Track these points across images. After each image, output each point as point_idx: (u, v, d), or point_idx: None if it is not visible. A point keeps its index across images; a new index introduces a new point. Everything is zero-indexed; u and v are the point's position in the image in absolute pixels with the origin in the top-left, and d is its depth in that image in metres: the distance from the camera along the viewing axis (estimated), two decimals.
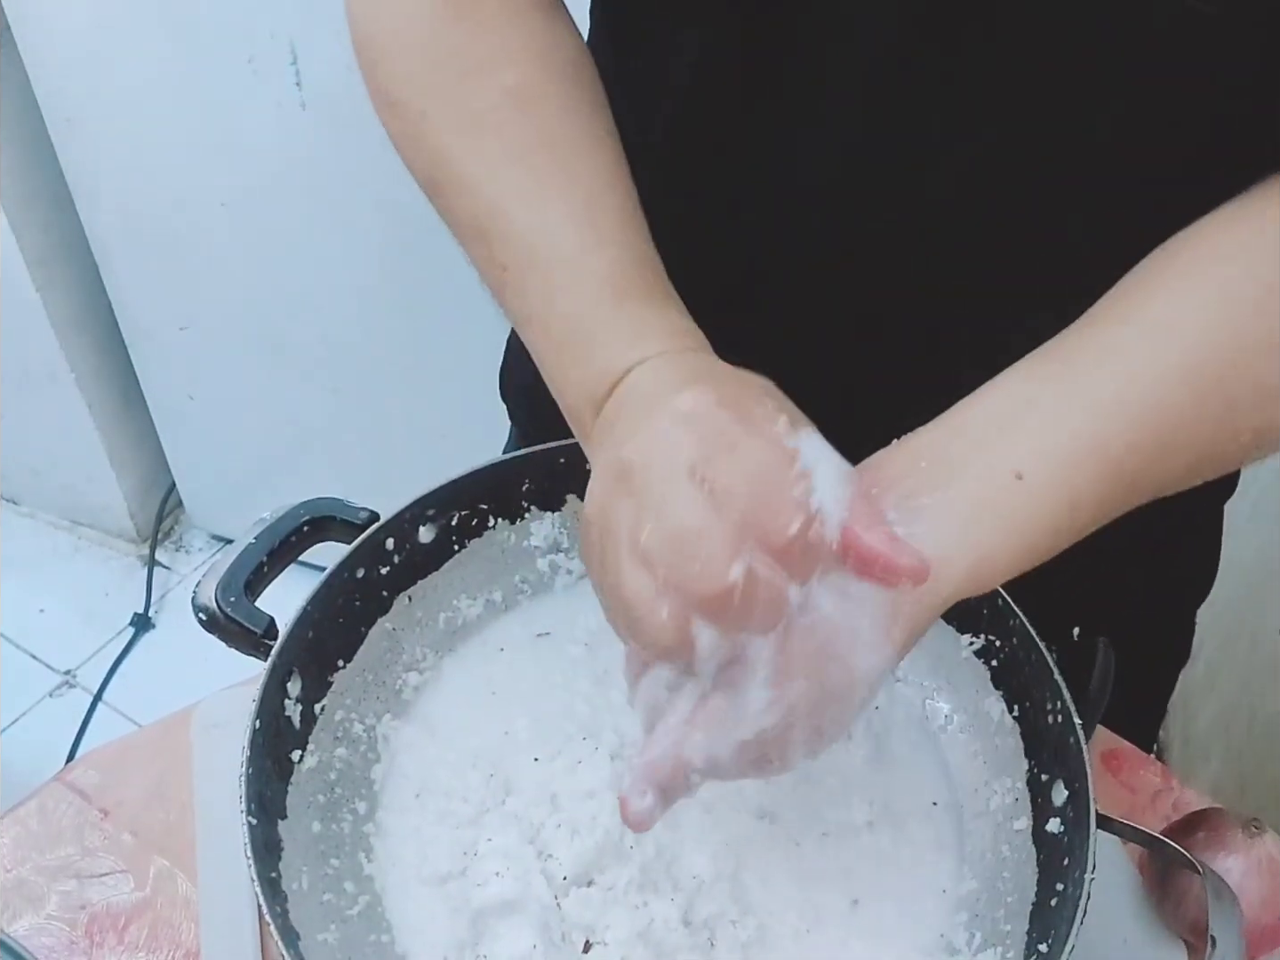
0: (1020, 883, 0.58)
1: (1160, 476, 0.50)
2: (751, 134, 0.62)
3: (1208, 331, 0.50)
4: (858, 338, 0.66)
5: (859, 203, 0.62)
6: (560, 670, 0.67)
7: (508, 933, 0.55)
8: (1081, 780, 0.55)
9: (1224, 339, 0.50)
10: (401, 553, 0.65)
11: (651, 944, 0.55)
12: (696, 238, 0.65)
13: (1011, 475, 0.48)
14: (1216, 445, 0.51)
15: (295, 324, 1.57)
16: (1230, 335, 0.50)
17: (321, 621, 0.62)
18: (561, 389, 0.54)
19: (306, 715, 0.61)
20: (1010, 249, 0.60)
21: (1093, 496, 0.49)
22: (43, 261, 1.62)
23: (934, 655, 0.67)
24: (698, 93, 0.63)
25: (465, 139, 0.57)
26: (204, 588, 0.60)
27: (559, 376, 0.54)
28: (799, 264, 0.66)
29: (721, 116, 0.63)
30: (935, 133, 0.58)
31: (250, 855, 0.52)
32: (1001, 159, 0.58)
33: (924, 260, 0.63)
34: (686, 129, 0.65)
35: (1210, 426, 0.50)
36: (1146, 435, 0.49)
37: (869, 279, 0.64)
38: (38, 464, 1.92)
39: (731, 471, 0.45)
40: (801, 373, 0.70)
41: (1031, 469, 0.48)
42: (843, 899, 0.59)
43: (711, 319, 0.56)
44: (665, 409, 0.47)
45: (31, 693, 1.77)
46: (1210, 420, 0.50)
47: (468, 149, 0.56)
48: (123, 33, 1.35)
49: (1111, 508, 0.50)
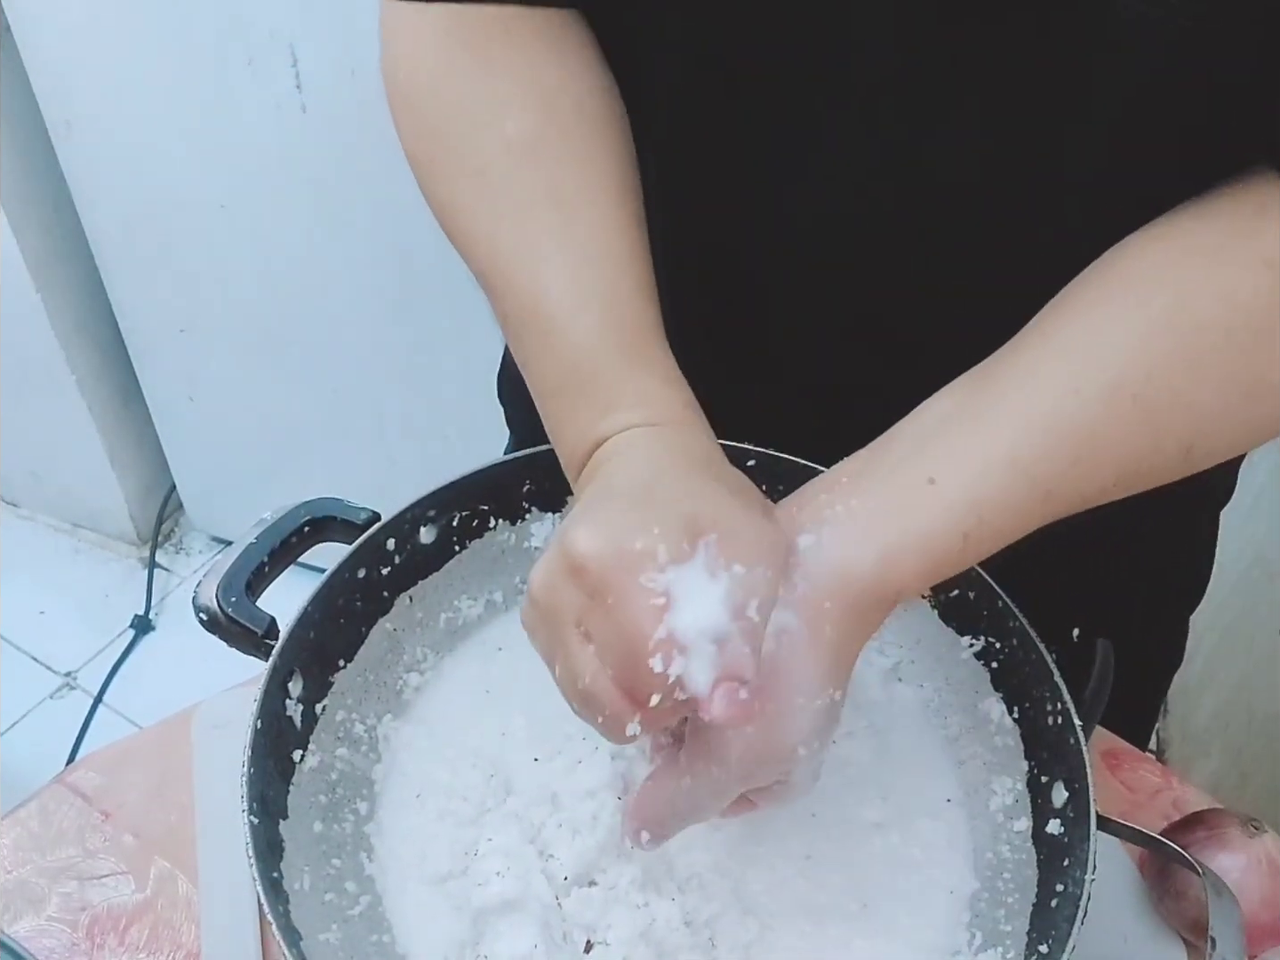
0: (1020, 883, 0.58)
1: (1081, 488, 0.51)
2: (748, 137, 0.62)
3: (1124, 349, 0.51)
4: (857, 338, 0.66)
5: (858, 203, 0.62)
6: None
7: (509, 932, 0.55)
8: (1081, 781, 0.56)
9: (1141, 356, 0.50)
10: (402, 553, 0.65)
11: (653, 944, 0.55)
12: (698, 240, 0.65)
13: (924, 481, 0.49)
14: (1141, 459, 0.51)
15: (295, 325, 1.57)
16: (1147, 352, 0.51)
17: (322, 622, 0.62)
18: (555, 441, 0.56)
19: (308, 715, 0.61)
20: (1009, 249, 0.61)
21: (1002, 502, 0.50)
22: (43, 263, 1.62)
23: (934, 657, 0.67)
24: (691, 91, 0.63)
25: (468, 196, 0.57)
26: (205, 588, 0.60)
27: (553, 429, 0.56)
28: (798, 265, 0.66)
29: (715, 117, 0.63)
30: (935, 133, 0.58)
31: (252, 856, 0.52)
32: (999, 161, 0.58)
33: (923, 260, 0.63)
34: (682, 128, 0.65)
35: (1131, 441, 0.51)
36: (1060, 448, 0.50)
37: (869, 279, 0.65)
38: (38, 466, 1.92)
39: (605, 631, 0.45)
40: (801, 373, 0.70)
41: (942, 476, 0.49)
42: (850, 900, 0.59)
43: (713, 321, 0.57)
44: (561, 545, 0.47)
45: (32, 695, 1.77)
46: (1130, 435, 0.51)
47: (470, 206, 0.57)
48: (123, 33, 1.35)
49: (1027, 516, 0.51)
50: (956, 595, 0.65)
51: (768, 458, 0.66)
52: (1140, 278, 0.53)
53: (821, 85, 0.59)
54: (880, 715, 0.66)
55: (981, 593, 0.63)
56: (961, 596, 0.65)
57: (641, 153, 0.61)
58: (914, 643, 0.68)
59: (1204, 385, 0.50)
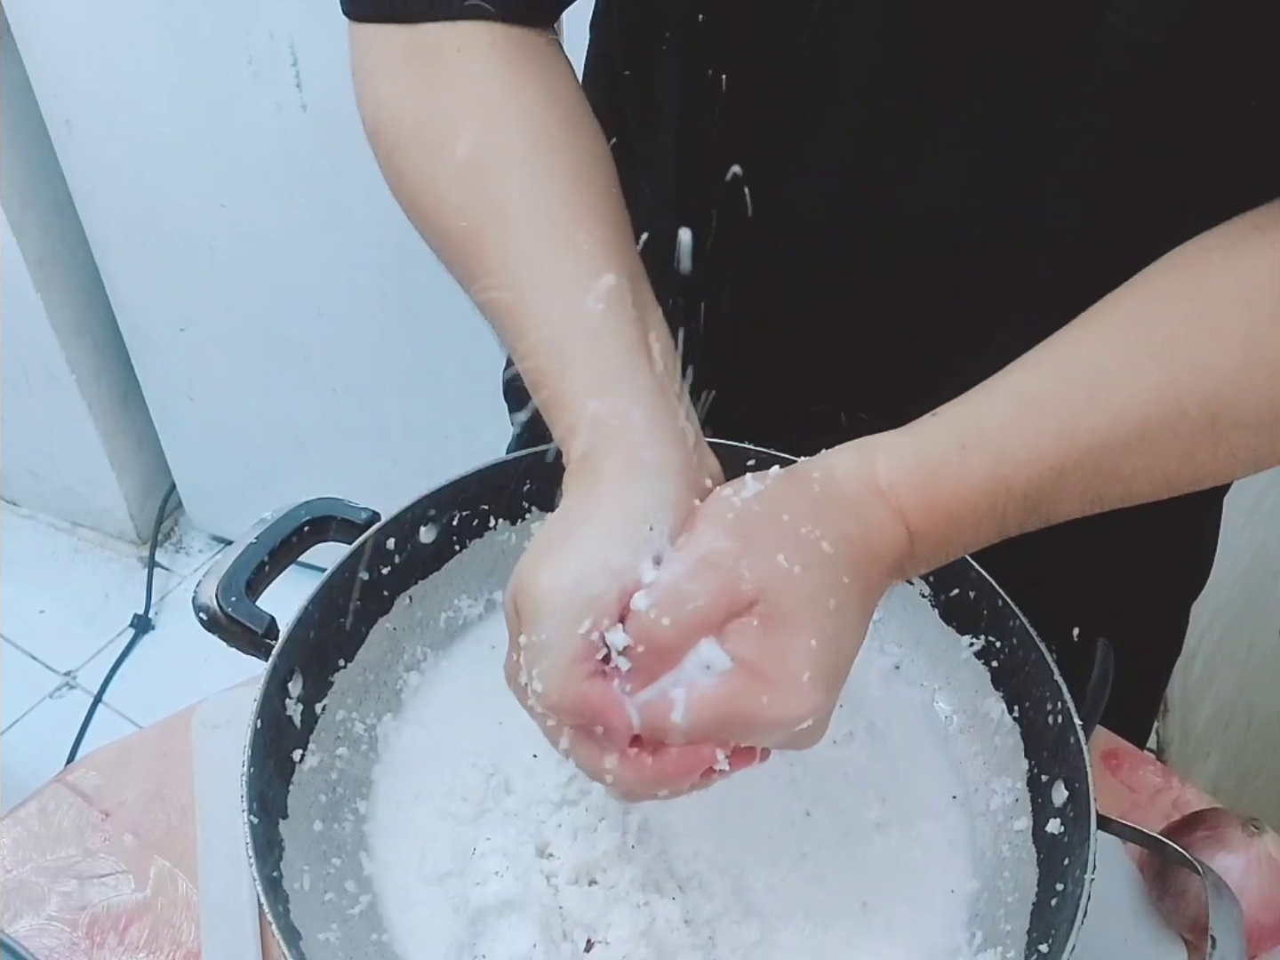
0: (1020, 882, 0.58)
1: (1102, 433, 0.50)
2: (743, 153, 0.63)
3: (1141, 316, 0.51)
4: (853, 345, 0.67)
5: (853, 213, 0.63)
6: None
7: (508, 932, 0.55)
8: (1082, 780, 0.55)
9: (1159, 320, 0.51)
10: (402, 553, 0.65)
11: (654, 943, 0.55)
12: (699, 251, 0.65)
13: (928, 417, 0.51)
14: (1165, 419, 0.51)
15: (295, 324, 1.57)
16: (1165, 317, 0.51)
17: (322, 621, 0.62)
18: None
19: (307, 715, 0.61)
20: (999, 259, 0.61)
21: (1004, 423, 0.50)
22: (43, 262, 1.62)
23: (934, 656, 0.67)
24: (693, 92, 0.63)
25: (427, 221, 0.58)
26: (205, 587, 0.60)
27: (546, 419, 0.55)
28: (795, 276, 0.66)
29: (710, 138, 0.63)
30: (926, 148, 0.59)
31: (252, 855, 0.52)
32: (989, 175, 0.59)
33: (917, 270, 0.63)
34: (680, 142, 0.66)
35: (1151, 394, 0.50)
36: (1069, 385, 0.50)
37: (865, 288, 0.65)
38: (38, 465, 1.92)
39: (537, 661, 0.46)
40: (801, 379, 0.70)
41: (945, 410, 0.51)
42: (852, 900, 0.59)
43: (713, 328, 0.57)
44: (518, 571, 0.47)
45: (32, 694, 1.77)
46: (1148, 387, 0.50)
47: (430, 229, 0.58)
48: (123, 34, 1.35)
49: (1037, 445, 0.50)
50: (957, 595, 0.65)
51: (768, 458, 0.66)
52: (1158, 267, 0.53)
53: (812, 94, 0.59)
54: (880, 714, 0.66)
55: (982, 592, 0.63)
56: (962, 596, 0.65)
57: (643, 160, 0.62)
58: (914, 642, 0.68)
59: (1225, 352, 0.50)
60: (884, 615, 0.69)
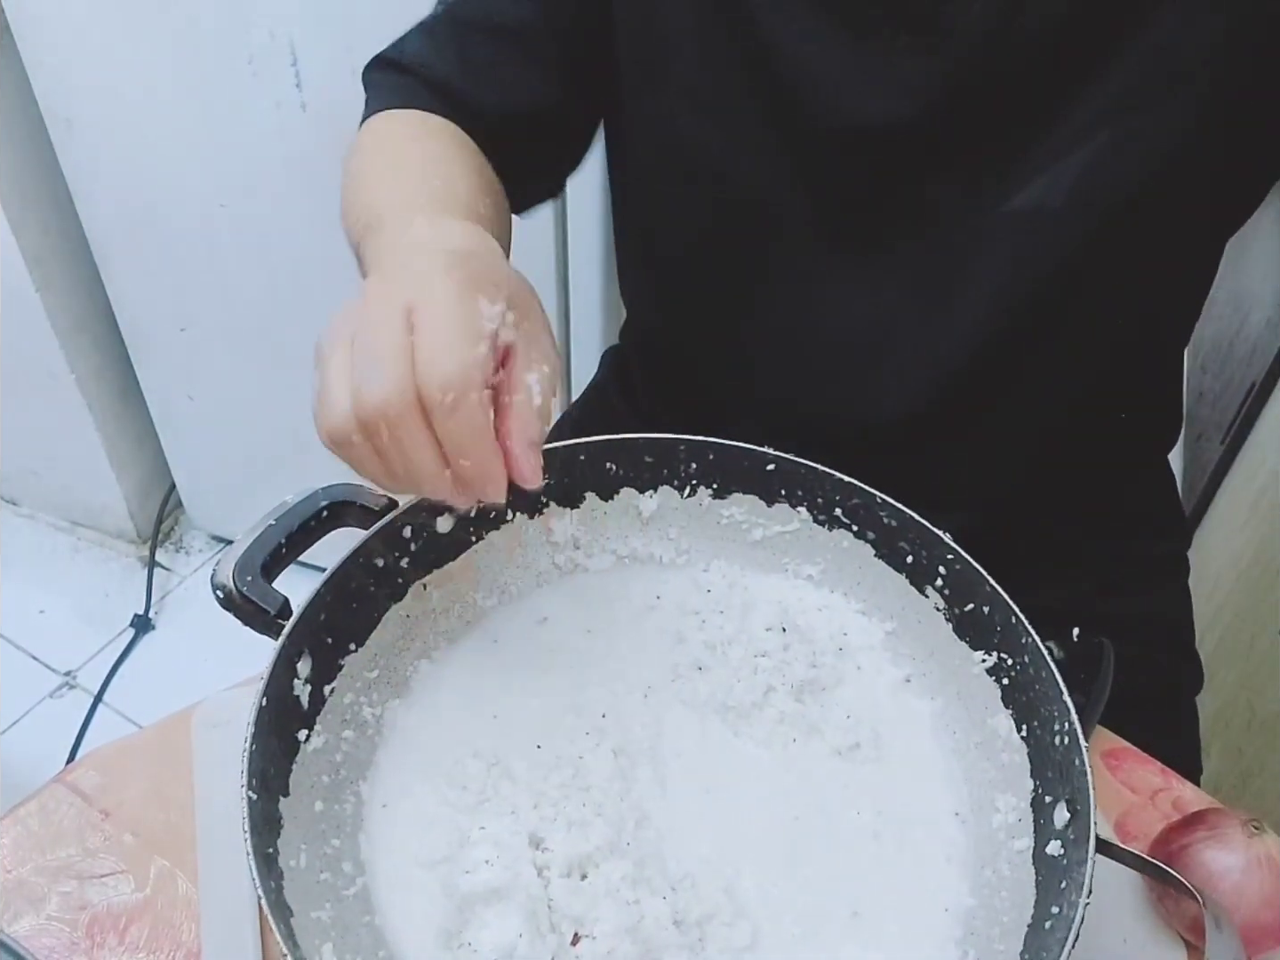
0: (1017, 902, 0.57)
1: None
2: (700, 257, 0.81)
3: None
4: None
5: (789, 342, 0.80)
6: (564, 661, 0.68)
7: (494, 920, 0.55)
8: (1084, 803, 0.55)
9: None
10: (419, 541, 0.65)
11: (640, 940, 0.55)
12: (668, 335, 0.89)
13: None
14: None
15: (295, 324, 1.57)
16: None
17: (335, 604, 0.62)
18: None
19: (315, 697, 0.61)
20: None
21: None
22: (43, 261, 1.62)
23: (946, 670, 0.67)
24: (654, 188, 0.80)
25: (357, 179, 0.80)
26: (223, 566, 0.60)
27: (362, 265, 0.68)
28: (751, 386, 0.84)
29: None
30: (842, 288, 0.76)
31: (248, 829, 0.52)
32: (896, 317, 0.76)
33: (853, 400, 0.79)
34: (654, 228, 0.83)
35: None
36: None
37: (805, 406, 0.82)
38: (37, 465, 1.92)
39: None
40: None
41: None
42: (843, 908, 0.58)
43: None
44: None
45: (32, 694, 1.77)
46: None
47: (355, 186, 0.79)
48: (123, 33, 1.35)
49: None
50: (971, 610, 0.65)
51: (787, 463, 0.68)
52: None
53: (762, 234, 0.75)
54: (887, 726, 0.66)
55: (996, 608, 0.63)
56: (976, 611, 0.64)
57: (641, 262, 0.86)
58: (927, 655, 0.68)
59: None
60: (898, 627, 0.69)
